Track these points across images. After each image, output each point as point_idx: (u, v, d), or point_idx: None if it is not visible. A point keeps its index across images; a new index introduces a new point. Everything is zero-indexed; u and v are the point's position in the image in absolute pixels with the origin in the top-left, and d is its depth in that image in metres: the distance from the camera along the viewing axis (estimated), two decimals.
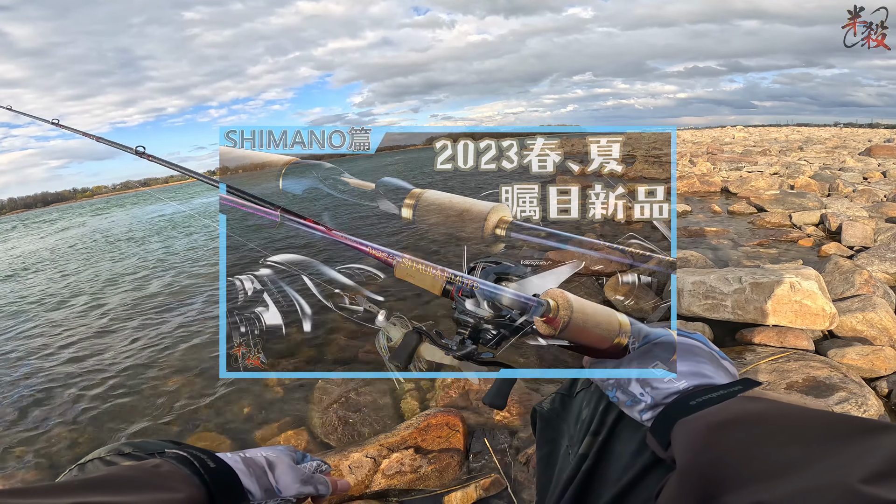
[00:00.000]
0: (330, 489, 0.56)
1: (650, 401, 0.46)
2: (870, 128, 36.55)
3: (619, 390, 0.48)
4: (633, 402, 0.47)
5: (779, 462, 0.31)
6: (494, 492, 1.36)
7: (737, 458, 0.34)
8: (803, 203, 4.33)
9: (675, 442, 0.40)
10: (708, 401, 0.41)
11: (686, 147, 12.90)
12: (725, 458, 0.34)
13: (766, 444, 0.33)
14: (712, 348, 0.49)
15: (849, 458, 0.29)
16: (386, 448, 1.46)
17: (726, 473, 0.33)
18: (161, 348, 2.97)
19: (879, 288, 2.16)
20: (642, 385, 0.47)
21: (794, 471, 0.30)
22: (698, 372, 0.46)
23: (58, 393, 2.48)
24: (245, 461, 0.50)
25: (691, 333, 0.52)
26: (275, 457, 0.52)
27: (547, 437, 0.66)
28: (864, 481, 0.27)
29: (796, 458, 0.31)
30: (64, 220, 23.96)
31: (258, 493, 0.49)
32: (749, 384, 0.44)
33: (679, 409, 0.42)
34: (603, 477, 0.50)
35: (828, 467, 0.29)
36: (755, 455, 0.33)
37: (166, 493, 0.40)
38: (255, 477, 0.49)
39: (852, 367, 1.65)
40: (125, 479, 0.40)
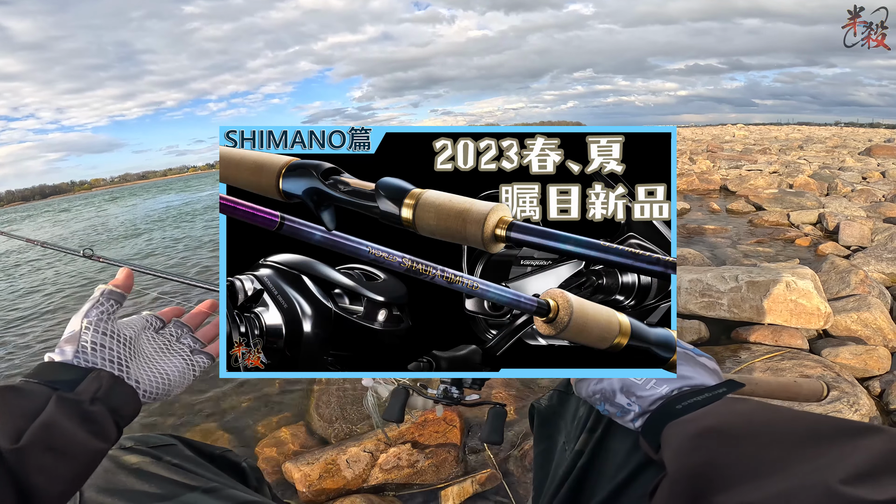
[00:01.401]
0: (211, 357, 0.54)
1: (638, 409, 0.46)
2: (871, 127, 36.63)
3: (607, 403, 0.49)
4: (623, 413, 0.48)
5: (764, 463, 0.32)
6: (490, 486, 1.37)
7: (724, 460, 0.34)
8: (802, 202, 4.34)
9: (665, 446, 0.41)
10: (694, 404, 0.42)
11: (686, 145, 12.90)
12: (714, 460, 0.35)
13: (752, 446, 0.34)
14: (685, 347, 0.50)
15: (830, 459, 0.30)
16: (383, 443, 1.47)
17: (715, 475, 0.34)
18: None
19: (875, 288, 2.17)
20: (627, 395, 0.47)
21: (777, 472, 0.31)
22: (678, 374, 0.47)
23: None
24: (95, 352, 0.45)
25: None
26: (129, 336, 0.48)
27: (544, 433, 0.67)
28: (844, 482, 0.27)
29: (780, 460, 0.32)
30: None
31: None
32: (733, 386, 0.44)
33: (666, 414, 0.43)
34: (598, 474, 0.51)
35: (810, 469, 0.30)
36: (742, 457, 0.34)
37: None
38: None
39: (845, 367, 1.66)
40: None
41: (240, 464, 0.60)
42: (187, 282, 0.82)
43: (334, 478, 1.39)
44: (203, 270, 4.97)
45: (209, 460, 0.55)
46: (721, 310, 2.03)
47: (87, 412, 0.40)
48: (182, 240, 7.33)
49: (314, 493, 1.37)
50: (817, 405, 1.43)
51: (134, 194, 34.28)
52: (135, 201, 22.61)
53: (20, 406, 0.38)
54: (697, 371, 0.47)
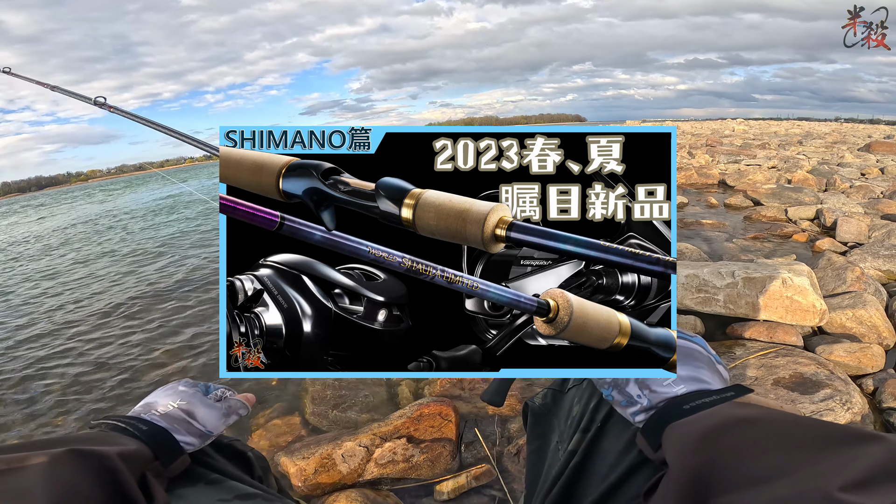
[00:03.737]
0: (248, 408, 0.59)
1: (646, 403, 0.46)
2: (870, 124, 36.66)
3: (616, 390, 0.49)
4: (629, 403, 0.48)
5: (766, 468, 0.32)
6: (485, 481, 1.38)
7: (727, 462, 0.34)
8: (800, 198, 4.35)
9: (667, 445, 0.40)
10: (701, 405, 0.42)
11: (685, 139, 12.88)
12: (716, 462, 0.35)
13: (754, 450, 0.34)
14: (710, 353, 0.50)
15: (830, 465, 0.30)
16: (379, 437, 1.47)
17: (716, 477, 0.34)
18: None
19: (871, 285, 2.18)
20: (640, 387, 0.47)
21: (779, 477, 0.31)
22: (696, 377, 0.47)
23: (56, 386, 2.47)
24: (166, 418, 0.51)
25: (692, 336, 0.52)
26: (186, 403, 0.53)
27: (537, 431, 0.67)
28: (843, 489, 0.27)
29: (781, 465, 0.32)
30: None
31: (195, 442, 0.51)
32: (741, 391, 0.44)
33: (672, 413, 0.43)
34: (591, 474, 0.51)
35: (810, 475, 0.30)
36: (743, 460, 0.34)
37: (118, 446, 0.43)
38: (183, 429, 0.50)
39: (839, 364, 1.67)
40: (84, 437, 0.43)
41: (245, 453, 0.61)
42: (189, 141, 0.82)
43: (329, 472, 1.39)
44: (202, 268, 4.96)
45: (216, 449, 0.56)
46: (717, 305, 2.04)
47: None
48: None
49: (310, 488, 1.38)
50: (809, 402, 1.44)
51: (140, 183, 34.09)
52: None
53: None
54: (715, 378, 0.48)
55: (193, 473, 0.49)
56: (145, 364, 2.57)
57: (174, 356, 2.63)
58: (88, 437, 0.44)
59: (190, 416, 0.52)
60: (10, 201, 52.40)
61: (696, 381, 0.46)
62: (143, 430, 0.47)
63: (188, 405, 0.53)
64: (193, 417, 0.52)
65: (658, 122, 10.28)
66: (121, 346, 2.85)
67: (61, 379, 2.51)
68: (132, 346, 2.84)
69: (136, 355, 2.69)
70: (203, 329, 2.97)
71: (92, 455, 0.40)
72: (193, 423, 0.52)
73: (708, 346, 0.52)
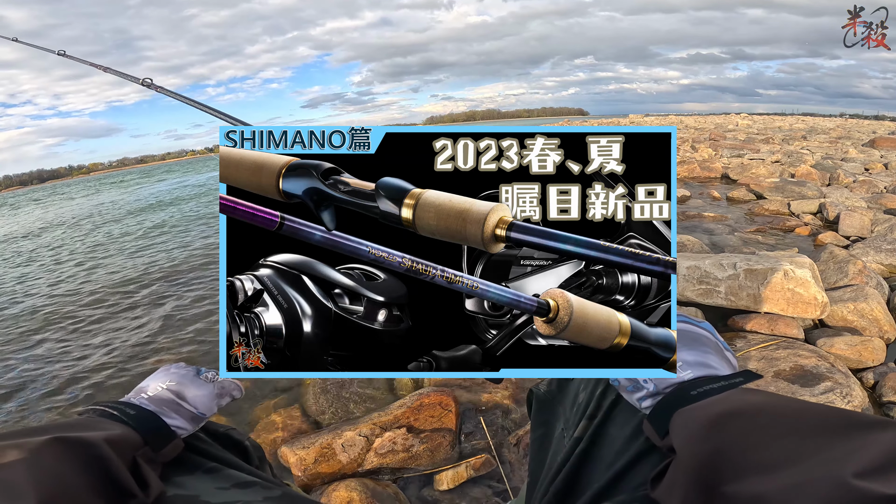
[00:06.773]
0: (242, 390, 0.58)
1: (653, 388, 0.46)
2: (875, 119, 36.30)
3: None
4: (635, 389, 0.47)
5: (775, 454, 0.32)
6: (485, 471, 1.39)
7: (736, 448, 0.34)
8: (803, 192, 4.32)
9: (675, 431, 0.40)
10: (709, 391, 0.42)
11: (688, 132, 12.77)
12: (725, 448, 0.34)
13: (764, 437, 0.34)
14: (718, 339, 0.50)
15: (843, 452, 0.30)
16: (379, 427, 1.48)
17: (726, 464, 0.34)
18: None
19: (873, 279, 2.18)
20: None
21: (790, 463, 0.31)
22: (704, 362, 0.47)
23: (56, 385, 2.49)
24: (154, 401, 0.50)
25: (700, 322, 0.52)
26: (176, 384, 0.53)
27: (542, 419, 0.67)
28: (856, 476, 0.27)
29: (792, 452, 0.31)
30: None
31: (187, 425, 0.50)
32: (750, 376, 0.44)
33: (679, 399, 0.42)
34: (596, 461, 0.51)
35: (822, 461, 0.30)
36: (753, 447, 0.33)
37: (103, 432, 0.42)
38: (172, 411, 0.50)
39: (840, 357, 1.68)
40: (68, 424, 0.43)
41: (242, 442, 0.61)
42: (213, 112, 0.84)
43: (329, 462, 1.41)
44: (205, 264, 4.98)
45: (213, 438, 0.56)
46: (718, 297, 2.04)
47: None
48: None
49: (310, 477, 1.39)
50: (809, 395, 1.45)
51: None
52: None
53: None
54: (723, 364, 0.47)
55: (191, 461, 0.49)
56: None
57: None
58: (73, 423, 0.44)
59: (179, 398, 0.51)
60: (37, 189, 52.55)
61: (704, 367, 0.46)
62: (130, 414, 0.47)
63: (178, 385, 0.53)
64: (183, 398, 0.52)
65: (661, 117, 10.15)
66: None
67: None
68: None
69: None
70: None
71: (77, 442, 0.39)
72: (183, 404, 0.51)
73: (716, 332, 0.51)
